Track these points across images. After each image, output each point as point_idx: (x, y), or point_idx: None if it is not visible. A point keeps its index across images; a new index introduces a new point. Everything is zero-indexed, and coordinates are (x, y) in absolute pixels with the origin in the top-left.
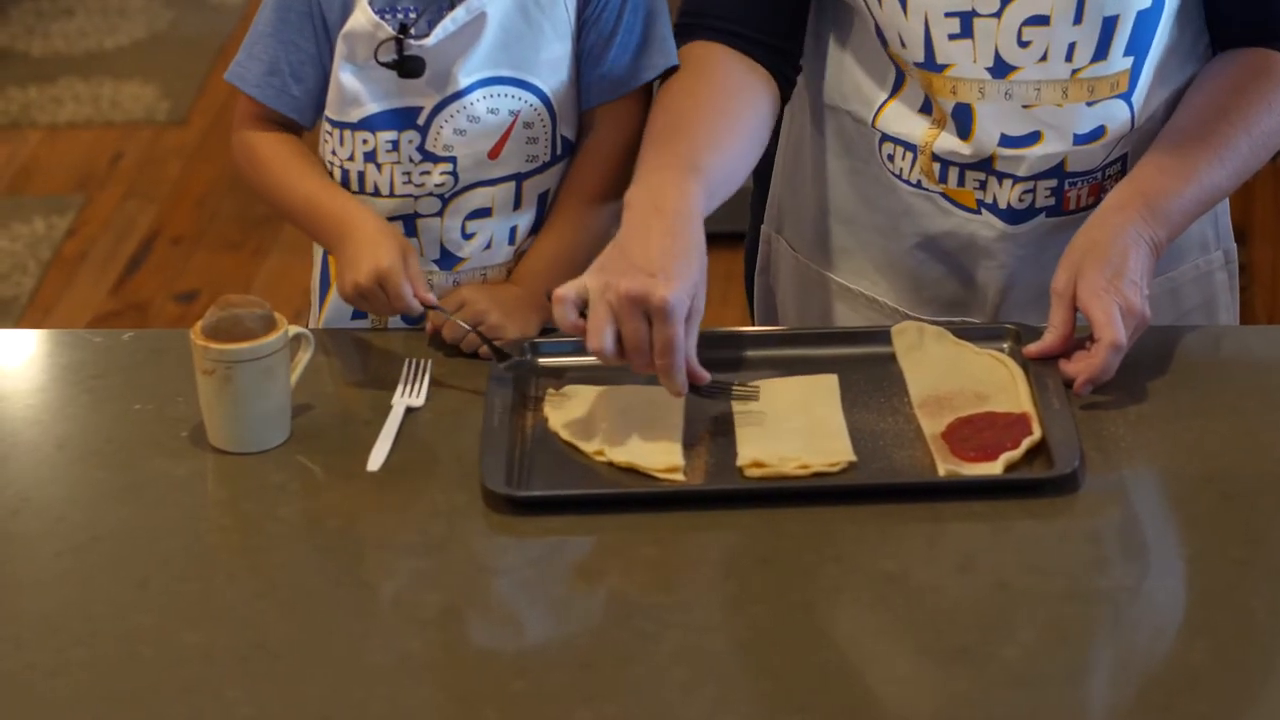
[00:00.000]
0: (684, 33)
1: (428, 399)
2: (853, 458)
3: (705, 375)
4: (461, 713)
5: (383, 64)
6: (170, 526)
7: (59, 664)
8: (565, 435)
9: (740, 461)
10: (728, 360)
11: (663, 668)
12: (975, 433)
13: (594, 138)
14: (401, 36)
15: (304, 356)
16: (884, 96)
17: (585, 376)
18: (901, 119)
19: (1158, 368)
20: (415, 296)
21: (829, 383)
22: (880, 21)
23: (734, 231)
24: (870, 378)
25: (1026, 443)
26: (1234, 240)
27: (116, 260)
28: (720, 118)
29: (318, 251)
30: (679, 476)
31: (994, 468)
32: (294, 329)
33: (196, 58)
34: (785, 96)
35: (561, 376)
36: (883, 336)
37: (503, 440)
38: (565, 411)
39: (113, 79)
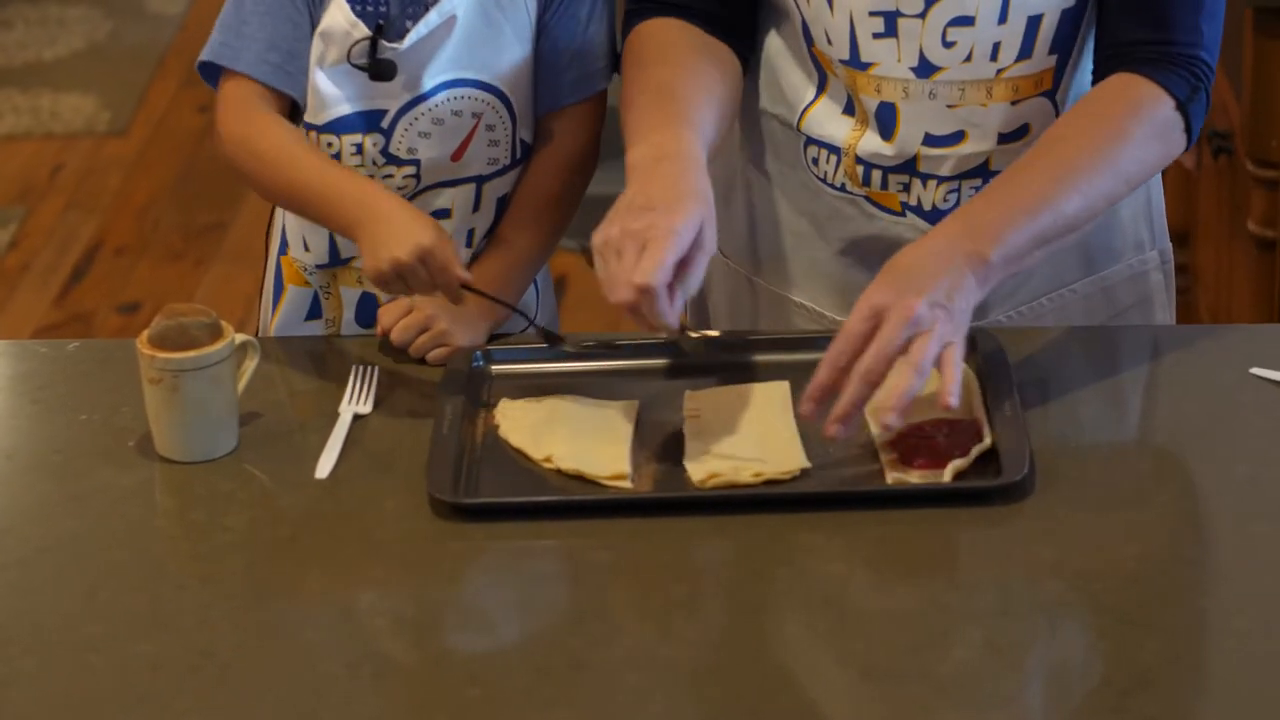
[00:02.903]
0: (637, 15)
1: (375, 406)
2: (806, 464)
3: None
4: None
5: (356, 66)
6: (118, 536)
7: (9, 674)
8: (514, 442)
9: (695, 475)
10: (675, 368)
11: (615, 673)
12: (924, 440)
13: (551, 143)
14: (377, 38)
15: (250, 364)
16: (810, 98)
17: (537, 385)
18: (826, 121)
19: (1103, 370)
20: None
21: (780, 390)
22: (807, 18)
23: None
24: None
25: (976, 450)
26: (1170, 240)
27: (59, 272)
28: (701, 79)
29: (271, 258)
30: (626, 484)
31: (941, 476)
32: (240, 337)
33: (136, 68)
34: (745, 73)
35: (513, 384)
36: None
37: (451, 447)
38: (516, 419)
39: (52, 90)
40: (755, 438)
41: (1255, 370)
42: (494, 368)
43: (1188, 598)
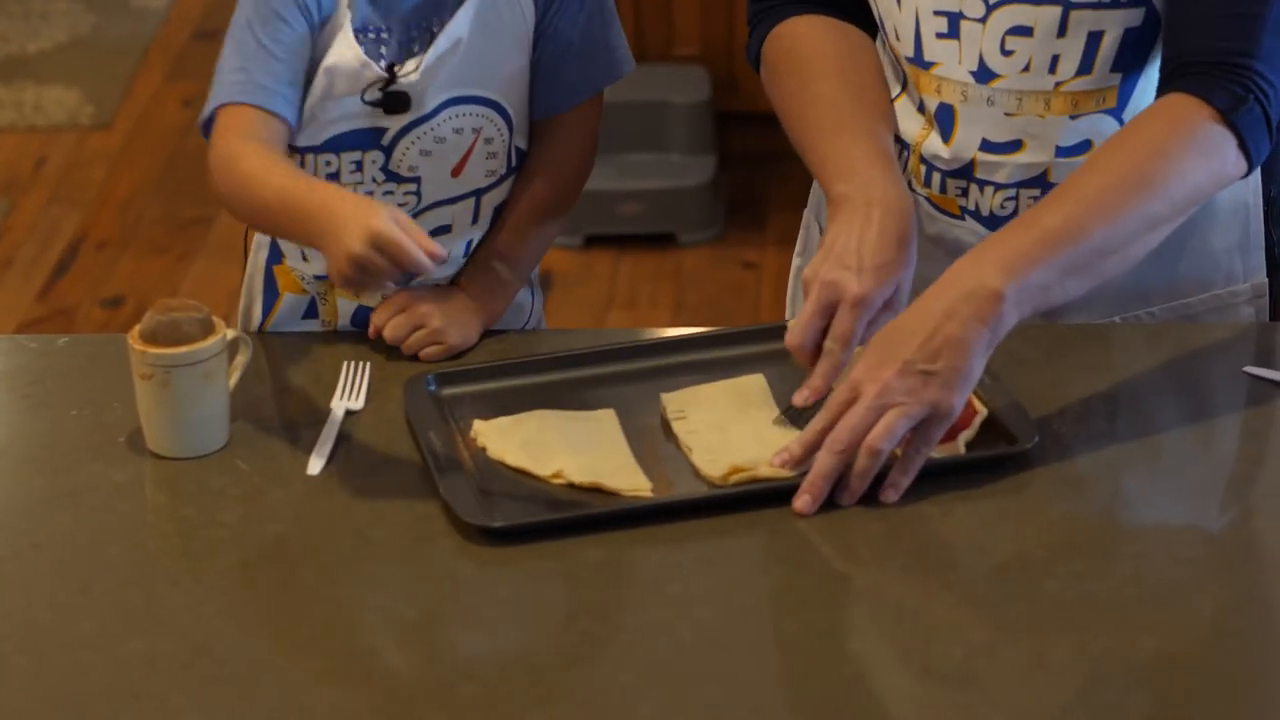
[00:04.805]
0: (764, 16)
1: (367, 402)
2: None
3: None
4: (408, 718)
5: (368, 103)
6: (110, 532)
7: (1, 671)
8: (512, 462)
9: (713, 473)
10: (641, 372)
11: (611, 671)
12: None
13: (548, 147)
14: (390, 76)
15: (241, 360)
16: (895, 91)
17: (506, 403)
18: (903, 116)
19: (1100, 367)
20: (422, 249)
21: (758, 383)
22: (880, 11)
23: (665, 232)
24: (801, 372)
25: (977, 420)
26: (1267, 274)
27: (42, 266)
28: (875, 80)
29: (260, 255)
30: (647, 494)
31: (955, 448)
32: (232, 332)
33: (120, 62)
34: None
35: (477, 405)
36: None
37: (459, 473)
38: (501, 439)
39: (35, 83)
40: (750, 433)
41: (1249, 369)
42: (452, 390)
43: (1185, 596)
